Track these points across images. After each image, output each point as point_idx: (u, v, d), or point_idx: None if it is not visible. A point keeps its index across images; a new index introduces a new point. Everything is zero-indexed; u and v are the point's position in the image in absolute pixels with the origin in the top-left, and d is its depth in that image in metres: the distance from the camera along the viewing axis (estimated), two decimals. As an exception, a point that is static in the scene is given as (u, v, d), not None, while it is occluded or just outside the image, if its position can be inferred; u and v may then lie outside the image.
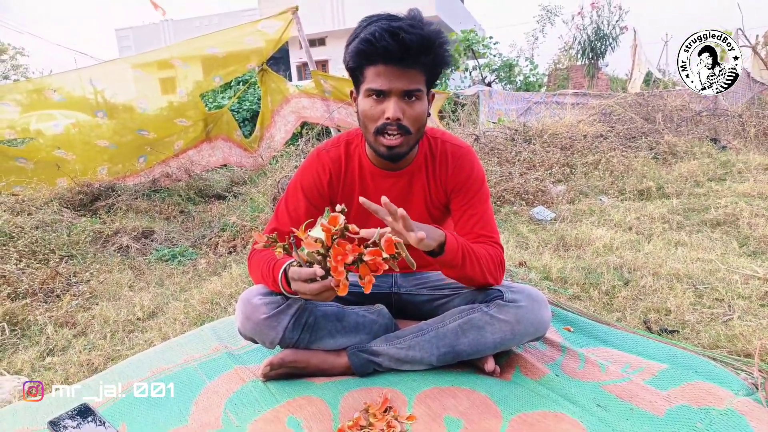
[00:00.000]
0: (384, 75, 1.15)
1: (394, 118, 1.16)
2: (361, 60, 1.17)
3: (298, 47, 20.22)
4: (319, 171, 1.37)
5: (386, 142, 1.20)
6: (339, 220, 1.02)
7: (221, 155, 5.32)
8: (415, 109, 1.19)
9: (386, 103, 1.17)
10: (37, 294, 2.33)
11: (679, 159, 4.77)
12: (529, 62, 12.91)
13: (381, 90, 1.16)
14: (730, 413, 1.07)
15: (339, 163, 1.37)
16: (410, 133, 1.21)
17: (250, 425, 1.17)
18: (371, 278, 1.03)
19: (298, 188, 1.37)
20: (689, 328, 1.64)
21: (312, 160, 1.39)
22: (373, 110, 1.19)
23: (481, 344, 1.28)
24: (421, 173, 1.36)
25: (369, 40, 1.12)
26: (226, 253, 3.04)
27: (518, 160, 4.48)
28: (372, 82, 1.17)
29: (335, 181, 1.37)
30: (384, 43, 1.10)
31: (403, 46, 1.11)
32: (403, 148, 1.22)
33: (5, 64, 22.64)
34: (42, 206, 3.56)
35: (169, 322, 1.99)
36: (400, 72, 1.15)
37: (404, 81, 1.15)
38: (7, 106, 4.07)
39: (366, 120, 1.22)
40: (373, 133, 1.21)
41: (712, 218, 2.96)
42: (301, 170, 1.40)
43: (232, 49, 4.95)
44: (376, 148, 1.24)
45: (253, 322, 1.27)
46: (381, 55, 1.13)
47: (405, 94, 1.17)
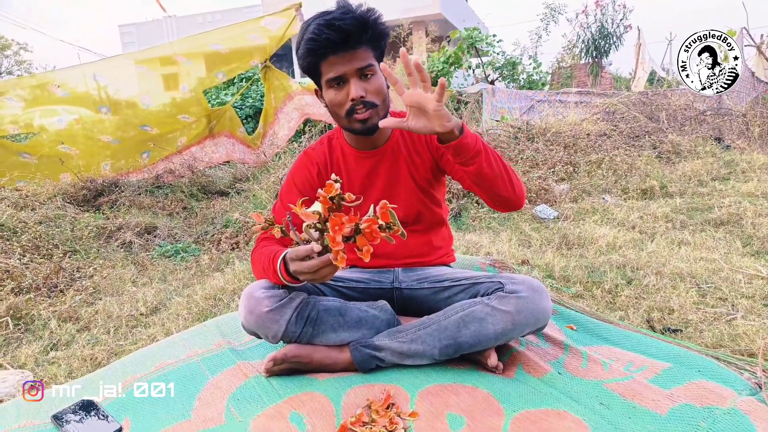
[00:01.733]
0: (336, 63, 1.24)
1: (358, 96, 1.25)
2: (312, 58, 1.25)
3: (301, 44, 20.15)
4: (308, 166, 1.47)
5: (359, 117, 1.28)
6: (334, 187, 1.04)
7: (224, 152, 5.33)
8: (373, 84, 1.28)
9: (347, 87, 1.26)
10: (41, 289, 2.34)
11: (683, 158, 4.76)
12: (533, 60, 12.85)
13: (338, 76, 1.25)
14: (734, 412, 1.07)
15: (324, 157, 1.47)
16: (376, 105, 1.29)
17: (253, 421, 1.17)
18: (369, 248, 1.05)
19: (292, 185, 1.46)
20: (692, 328, 1.64)
21: (301, 159, 1.50)
22: (338, 97, 1.28)
23: (483, 336, 1.28)
24: (400, 148, 1.43)
25: (312, 38, 1.21)
26: (228, 250, 3.04)
27: (521, 159, 4.47)
28: (328, 73, 1.26)
29: (324, 172, 1.46)
30: (325, 36, 1.20)
31: (341, 32, 1.20)
32: (374, 119, 1.29)
33: (9, 59, 22.68)
34: (45, 201, 3.58)
35: (172, 317, 1.99)
36: (349, 56, 1.24)
37: (355, 61, 1.24)
38: (11, 101, 4.08)
39: (335, 108, 1.31)
40: (345, 116, 1.30)
41: (716, 218, 2.96)
42: (293, 170, 1.50)
43: (235, 45, 4.95)
44: (352, 128, 1.32)
45: (256, 316, 1.28)
46: (327, 47, 1.22)
47: (360, 73, 1.25)
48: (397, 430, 1.09)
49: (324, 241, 1.06)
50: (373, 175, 1.44)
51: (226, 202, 4.15)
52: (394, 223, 1.06)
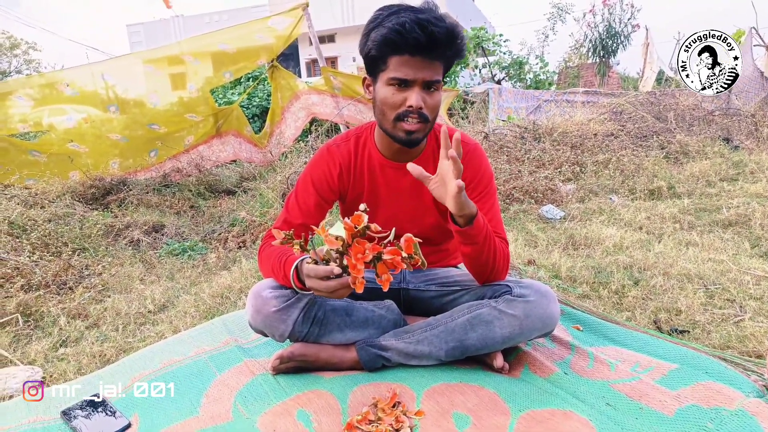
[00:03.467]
0: (409, 65, 1.18)
1: (417, 107, 1.20)
2: (386, 49, 1.19)
3: (308, 44, 20.23)
4: (329, 165, 1.39)
5: (407, 127, 1.23)
6: (362, 220, 1.04)
7: (231, 151, 5.35)
8: (434, 99, 1.23)
9: (408, 92, 1.20)
10: (50, 286, 2.36)
11: (691, 159, 4.73)
12: (540, 60, 12.81)
13: (405, 80, 1.19)
14: (741, 414, 1.06)
15: (349, 158, 1.40)
16: (428, 121, 1.24)
17: (260, 418, 1.18)
18: (389, 276, 1.06)
19: (309, 182, 1.40)
20: (700, 329, 1.63)
21: (322, 154, 1.42)
22: (394, 98, 1.22)
23: (490, 339, 1.28)
24: (429, 166, 1.35)
25: (399, 31, 1.14)
26: (235, 248, 3.06)
27: (528, 159, 4.46)
28: (396, 71, 1.19)
29: (345, 174, 1.40)
30: (415, 35, 1.13)
31: (431, 38, 1.14)
32: (420, 134, 1.25)
33: (18, 59, 22.86)
34: (55, 199, 3.60)
35: (180, 315, 2.00)
36: (424, 63, 1.18)
37: (427, 72, 1.19)
38: (20, 99, 4.12)
39: (385, 107, 1.24)
40: (393, 119, 1.24)
41: (724, 219, 2.94)
42: (311, 164, 1.42)
43: (242, 45, 4.97)
44: (395, 134, 1.26)
45: (264, 315, 1.29)
46: (409, 46, 1.16)
47: (427, 84, 1.20)
48: (404, 428, 1.10)
49: (343, 262, 1.06)
50: (397, 187, 1.40)
51: (233, 200, 4.17)
52: (417, 254, 1.06)
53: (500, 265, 1.29)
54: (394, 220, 1.40)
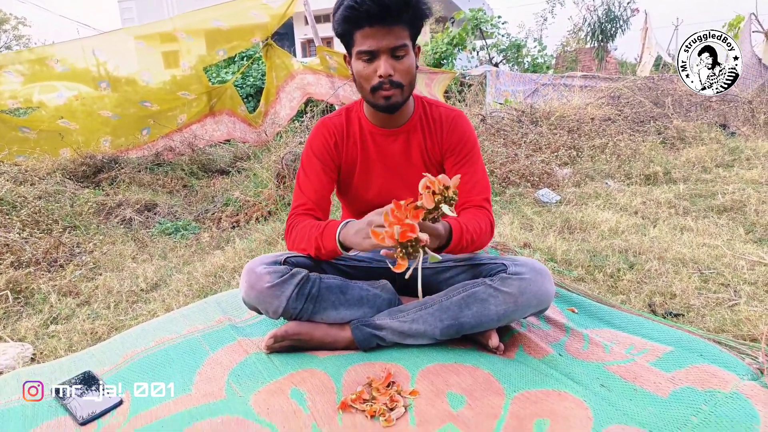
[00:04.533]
0: (371, 36, 1.22)
1: (386, 75, 1.25)
2: (347, 26, 1.24)
3: (303, 23, 19.92)
4: (326, 135, 1.45)
5: (383, 94, 1.28)
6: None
7: (225, 130, 5.28)
8: (404, 64, 1.27)
9: (377, 63, 1.25)
10: (41, 263, 2.33)
11: (688, 144, 4.72)
12: (538, 43, 12.69)
13: (370, 50, 1.24)
14: (736, 396, 1.07)
15: (341, 128, 1.45)
16: (402, 86, 1.29)
17: (254, 396, 1.17)
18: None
19: (311, 155, 1.44)
20: (694, 312, 1.64)
21: (318, 127, 1.47)
22: (366, 70, 1.27)
23: (485, 316, 1.28)
24: (417, 132, 1.43)
25: (352, 6, 1.19)
26: (229, 228, 3.03)
27: (524, 142, 4.43)
28: (361, 44, 1.24)
29: (340, 144, 1.45)
30: (366, 7, 1.18)
31: (383, 6, 1.18)
32: (398, 98, 1.30)
33: (7, 34, 22.40)
34: (45, 177, 3.55)
35: (173, 294, 1.99)
36: (385, 31, 1.22)
37: (390, 39, 1.23)
38: (10, 75, 4.03)
39: (361, 80, 1.30)
40: (370, 91, 1.30)
41: (719, 204, 2.94)
42: (310, 140, 1.47)
43: (236, 22, 4.88)
44: (375, 103, 1.32)
45: (257, 291, 1.28)
46: (365, 18, 1.20)
47: (393, 51, 1.24)
48: (398, 407, 1.09)
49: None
50: (387, 153, 1.44)
51: (227, 180, 4.13)
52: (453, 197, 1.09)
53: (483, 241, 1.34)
54: (389, 188, 1.45)
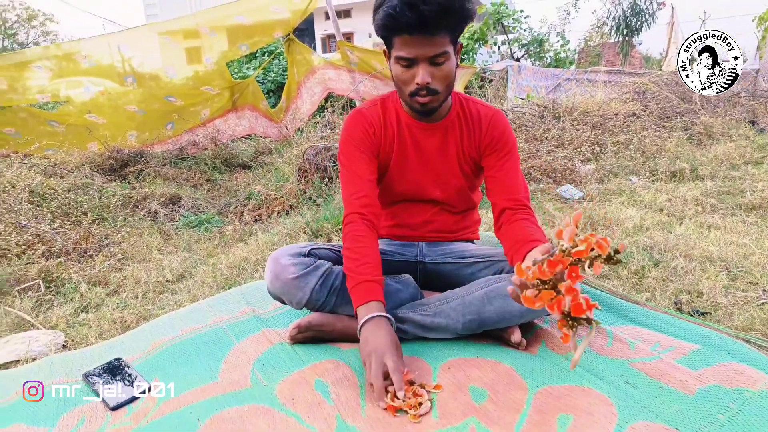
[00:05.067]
0: (409, 44, 1.19)
1: (423, 83, 1.22)
2: (386, 31, 1.22)
3: (324, 19, 19.98)
4: (364, 124, 1.40)
5: (420, 100, 1.27)
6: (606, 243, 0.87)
7: (247, 125, 5.34)
8: (443, 71, 1.23)
9: (415, 69, 1.22)
10: (71, 253, 2.40)
11: (715, 141, 4.61)
12: (560, 38, 12.51)
13: (408, 58, 1.21)
14: (764, 395, 1.05)
15: (378, 118, 1.42)
16: (439, 92, 1.26)
17: (278, 385, 1.19)
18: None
19: (352, 147, 1.38)
20: (722, 311, 1.61)
21: (355, 117, 1.42)
22: (404, 75, 1.25)
23: (507, 312, 1.28)
24: (454, 128, 1.41)
25: (390, 15, 1.15)
26: (251, 221, 3.07)
27: (546, 138, 4.38)
28: (399, 50, 1.21)
29: (378, 132, 1.41)
30: (405, 18, 1.14)
31: (422, 18, 1.13)
32: (434, 104, 1.29)
33: (35, 30, 22.93)
34: (73, 170, 3.65)
35: (198, 285, 2.03)
36: (425, 40, 1.18)
37: (429, 47, 1.19)
38: (39, 69, 4.14)
39: (399, 83, 1.28)
40: (407, 95, 1.28)
41: (748, 202, 2.87)
42: (348, 130, 1.41)
43: (258, 18, 4.92)
44: (412, 106, 1.32)
45: (282, 281, 1.30)
46: (403, 28, 1.16)
47: (431, 59, 1.21)
48: (423, 401, 1.10)
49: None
50: (423, 146, 1.42)
51: (249, 175, 4.18)
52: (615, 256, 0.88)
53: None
54: (421, 182, 1.44)
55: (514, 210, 1.33)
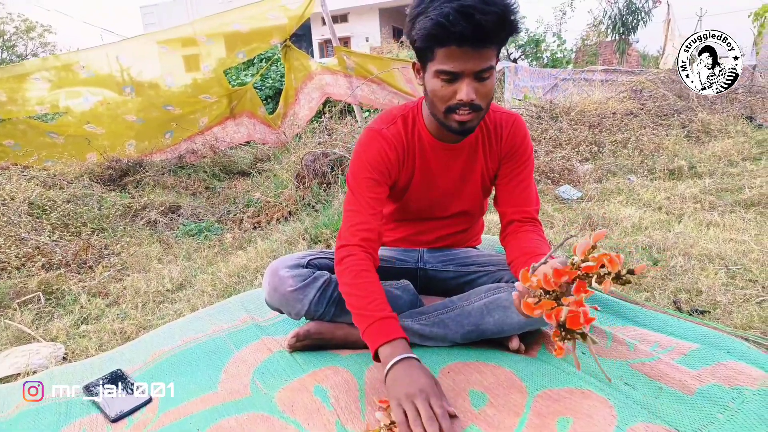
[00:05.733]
0: (456, 57, 1.08)
1: (468, 100, 1.11)
2: (431, 42, 1.09)
3: (321, 24, 20.03)
4: (386, 148, 1.29)
5: (459, 119, 1.15)
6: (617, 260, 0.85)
7: (245, 132, 5.35)
8: (486, 86, 1.13)
9: (458, 85, 1.11)
10: (71, 265, 2.40)
11: (713, 137, 4.61)
12: (557, 38, 12.55)
13: (453, 72, 1.10)
14: (764, 393, 1.05)
15: (401, 139, 1.31)
16: (482, 109, 1.16)
17: (278, 393, 1.19)
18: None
19: (366, 169, 1.28)
20: (721, 309, 1.61)
21: (374, 137, 1.30)
22: (443, 91, 1.13)
23: (507, 324, 1.27)
24: (478, 146, 1.34)
25: (442, 24, 1.03)
26: (251, 229, 3.08)
27: (544, 138, 4.39)
28: (443, 64, 1.10)
29: (402, 158, 1.32)
30: (459, 28, 1.02)
31: (478, 28, 1.02)
32: (474, 123, 1.18)
33: (34, 41, 23.00)
34: (73, 180, 3.66)
35: (198, 293, 2.03)
36: (474, 53, 1.07)
37: (477, 61, 1.08)
38: (37, 80, 4.16)
39: (435, 99, 1.16)
40: (444, 111, 1.16)
41: (746, 198, 2.87)
42: (363, 151, 1.30)
43: (255, 25, 4.94)
44: (448, 124, 1.19)
45: (280, 294, 1.29)
46: (455, 39, 1.05)
47: (477, 74, 1.11)
48: None
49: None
50: (448, 167, 1.35)
51: (248, 182, 4.18)
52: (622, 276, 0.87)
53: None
54: (442, 201, 1.40)
55: (522, 222, 1.31)
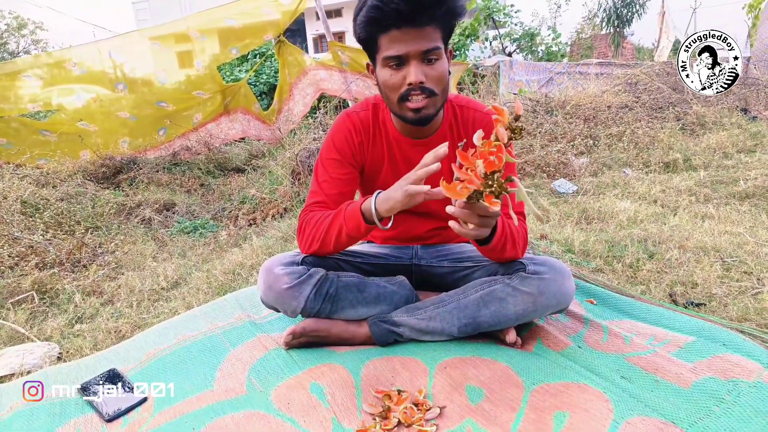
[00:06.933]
0: (399, 40, 1.10)
1: (417, 82, 1.12)
2: (372, 28, 1.12)
3: (315, 19, 19.93)
4: (351, 131, 1.33)
5: (412, 105, 1.16)
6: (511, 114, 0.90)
7: (240, 128, 5.33)
8: (436, 69, 1.14)
9: (406, 69, 1.13)
10: (65, 264, 2.39)
11: (708, 130, 4.62)
12: (552, 31, 12.51)
13: (399, 56, 1.11)
14: (759, 386, 1.05)
15: (368, 127, 1.34)
16: (435, 94, 1.16)
17: (274, 391, 1.19)
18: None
19: (332, 149, 1.32)
20: (717, 302, 1.61)
21: (343, 120, 1.35)
22: (393, 79, 1.15)
23: (503, 316, 1.27)
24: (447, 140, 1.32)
25: (377, 6, 1.06)
26: (246, 226, 3.06)
27: (539, 132, 4.38)
28: (388, 49, 1.12)
29: (366, 144, 1.34)
30: (393, 5, 1.05)
31: (413, 3, 1.05)
32: (430, 110, 1.18)
33: (26, 39, 22.80)
34: (66, 179, 3.63)
35: (193, 291, 2.02)
36: (415, 33, 1.09)
37: (421, 42, 1.10)
38: (29, 78, 4.12)
39: (388, 90, 1.18)
40: (397, 101, 1.18)
41: (741, 191, 2.88)
42: (333, 132, 1.35)
43: (248, 20, 4.90)
44: (403, 115, 1.20)
45: (276, 292, 1.29)
46: (393, 19, 1.07)
47: (424, 55, 1.12)
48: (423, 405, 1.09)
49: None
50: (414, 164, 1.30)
51: (243, 178, 4.16)
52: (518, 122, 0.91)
53: (521, 249, 1.27)
54: None
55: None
